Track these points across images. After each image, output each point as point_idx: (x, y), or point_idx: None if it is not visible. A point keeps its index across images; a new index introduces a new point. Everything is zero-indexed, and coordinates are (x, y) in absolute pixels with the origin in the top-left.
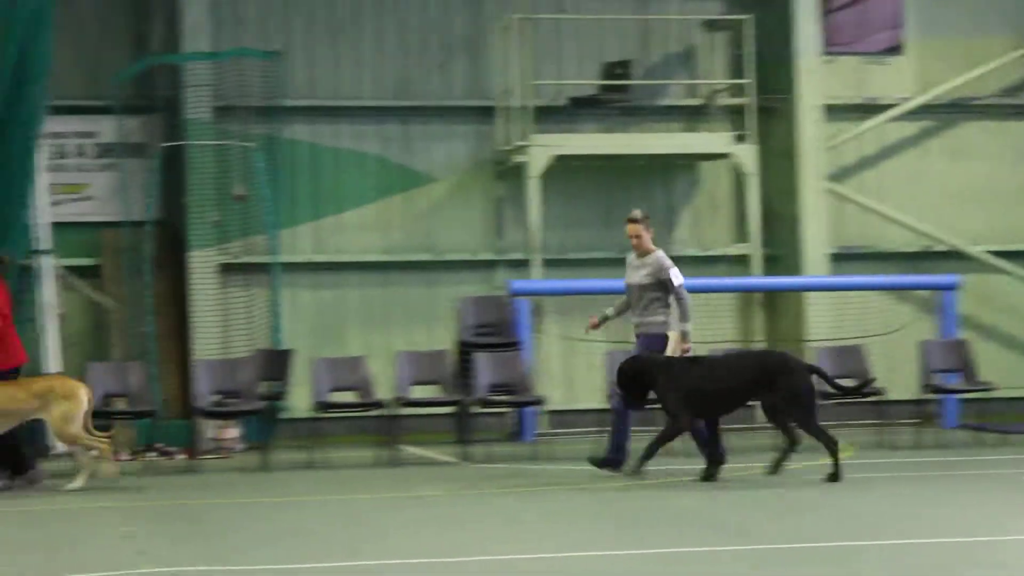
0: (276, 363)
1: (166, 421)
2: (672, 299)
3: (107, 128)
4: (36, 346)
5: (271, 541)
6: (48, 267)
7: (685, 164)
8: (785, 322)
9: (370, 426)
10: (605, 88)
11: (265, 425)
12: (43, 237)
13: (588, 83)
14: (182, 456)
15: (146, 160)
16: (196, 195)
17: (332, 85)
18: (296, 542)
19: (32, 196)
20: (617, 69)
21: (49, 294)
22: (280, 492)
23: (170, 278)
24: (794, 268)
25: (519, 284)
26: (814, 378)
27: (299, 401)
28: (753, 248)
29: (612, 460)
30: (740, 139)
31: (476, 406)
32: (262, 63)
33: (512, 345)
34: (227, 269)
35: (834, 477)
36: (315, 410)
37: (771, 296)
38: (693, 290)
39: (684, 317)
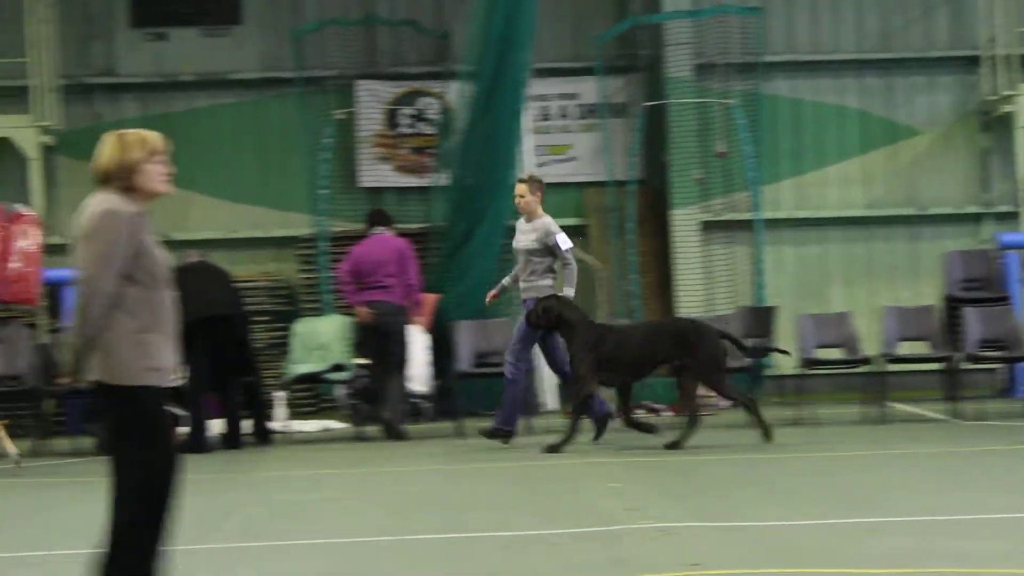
0: (760, 320)
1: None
2: (558, 264)
3: (589, 89)
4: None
5: (761, 498)
6: None
7: None
8: None
9: (855, 383)
10: None
11: (750, 382)
12: None
13: None
14: (669, 413)
15: (628, 120)
16: (678, 153)
17: (811, 39)
18: (790, 498)
19: (519, 158)
20: None
21: None
22: (763, 449)
23: (652, 237)
24: None
25: (1008, 237)
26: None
27: (784, 358)
28: None
29: (501, 430)
30: None
31: (965, 362)
32: (742, 19)
33: (1001, 300)
34: (709, 227)
35: (766, 436)
36: (801, 367)
37: None
38: None
39: (569, 283)
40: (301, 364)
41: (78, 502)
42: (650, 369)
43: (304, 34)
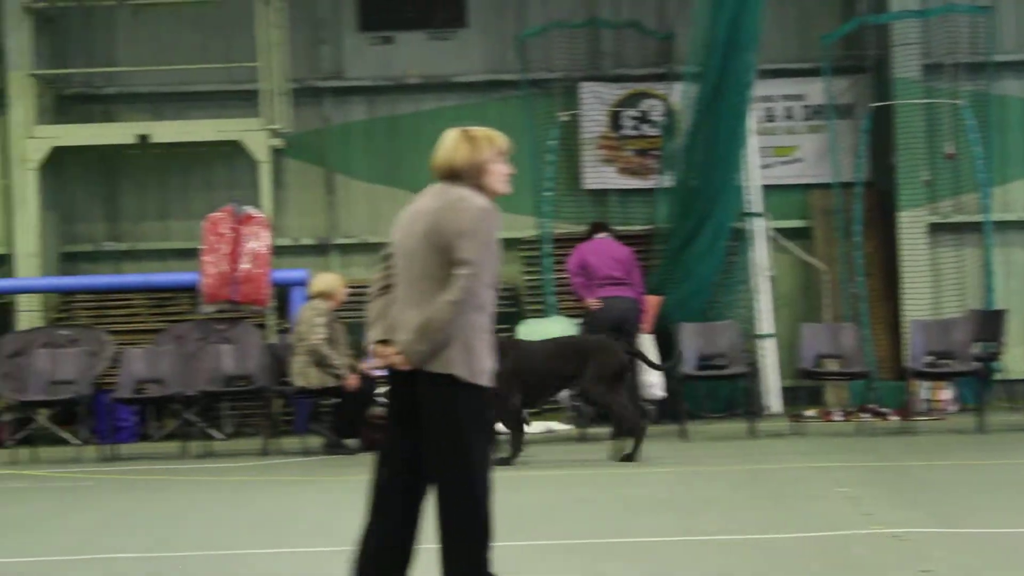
0: (990, 323)
1: (879, 382)
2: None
3: (815, 90)
4: (748, 307)
5: (994, 505)
6: (760, 229)
7: None
8: None
9: None
10: None
11: (979, 386)
12: (754, 199)
13: None
14: (895, 417)
15: (854, 121)
16: (905, 155)
17: None
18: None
19: (743, 159)
20: None
21: (761, 256)
22: (997, 455)
23: (879, 239)
24: None
25: None
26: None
27: (1014, 362)
28: None
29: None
30: None
31: None
32: (971, 18)
33: None
34: (936, 229)
35: (629, 457)
36: None
37: None
38: None
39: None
40: None
41: (314, 502)
42: (553, 387)
43: (528, 37)
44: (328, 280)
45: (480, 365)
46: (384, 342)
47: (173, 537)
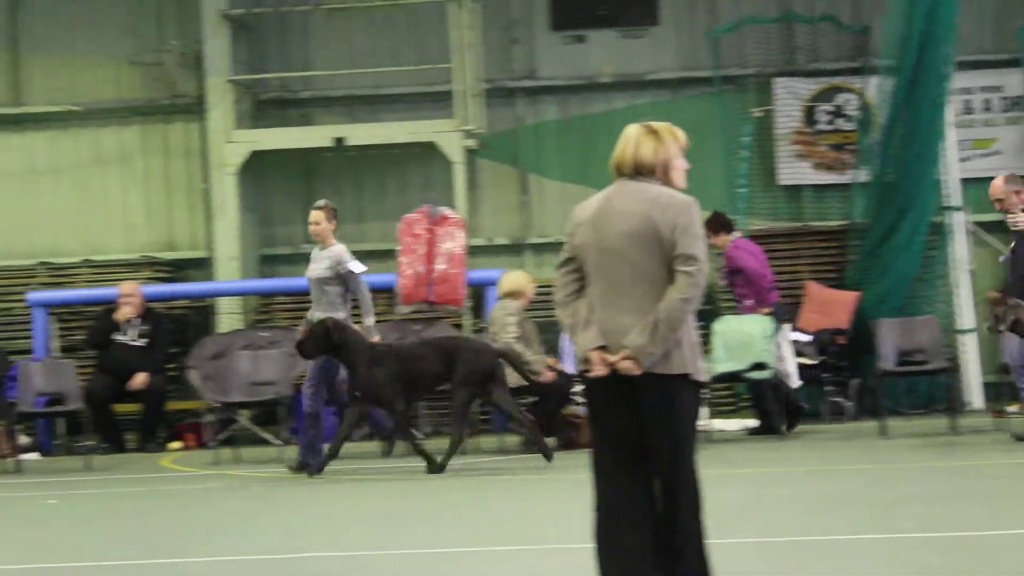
0: None
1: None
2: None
3: (1014, 81)
4: (948, 302)
5: None
6: (959, 223)
7: None
8: None
9: None
10: None
11: None
12: (953, 193)
13: None
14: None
15: None
16: None
17: None
18: None
19: (941, 153)
20: None
21: (960, 250)
22: None
23: None
24: None
25: None
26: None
27: None
28: None
29: (309, 463)
30: None
31: None
32: None
33: None
34: None
35: (434, 468)
36: None
37: None
38: None
39: (367, 311)
40: (721, 363)
41: (511, 500)
42: (426, 388)
43: (721, 34)
44: (516, 279)
45: (701, 362)
46: (601, 348)
47: (374, 536)
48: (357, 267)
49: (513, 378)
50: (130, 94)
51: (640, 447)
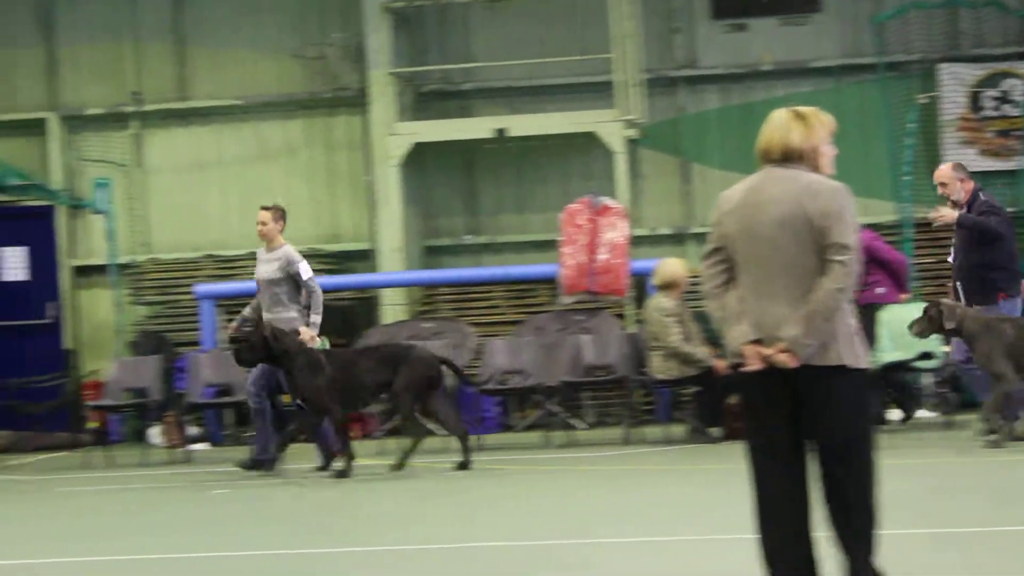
0: None
1: None
2: (303, 293)
3: None
4: None
5: None
6: None
7: None
8: None
9: None
10: None
11: None
12: None
13: None
14: None
15: None
16: None
17: None
18: None
19: None
20: None
21: None
22: None
23: None
24: None
25: None
26: None
27: None
28: None
29: (261, 461)
30: None
31: None
32: None
33: None
34: None
35: (398, 467)
36: None
37: None
38: None
39: (315, 311)
40: (888, 352)
41: (678, 491)
42: (370, 395)
43: (885, 20)
44: (671, 268)
45: (861, 348)
46: (756, 341)
47: (537, 526)
48: (306, 271)
49: (677, 371)
50: (293, 88)
51: (796, 440)
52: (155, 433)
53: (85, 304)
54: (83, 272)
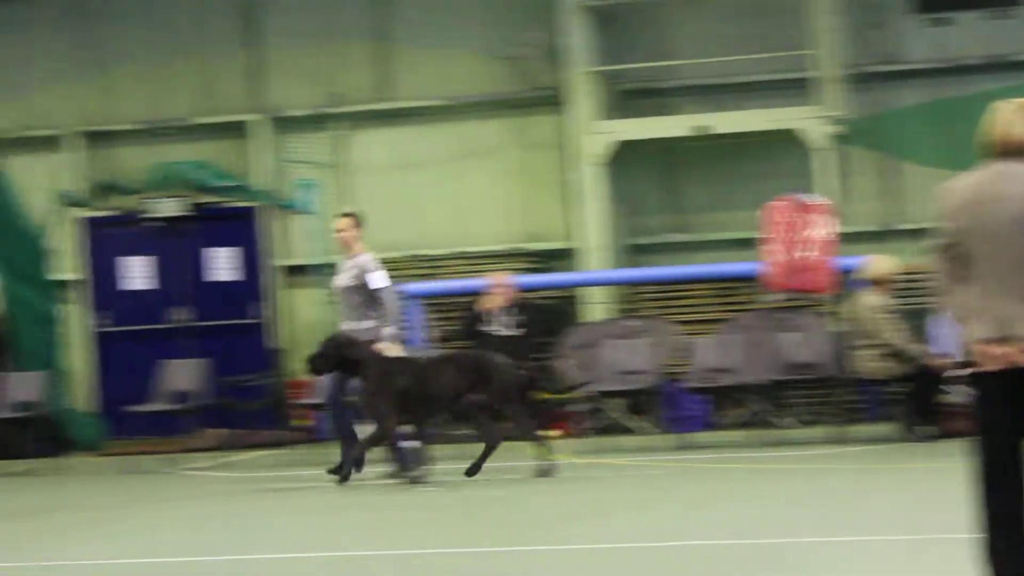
0: None
1: None
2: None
3: None
4: None
5: None
6: None
7: None
8: None
9: None
10: None
11: None
12: None
13: None
14: None
15: None
16: None
17: None
18: None
19: None
20: None
21: None
22: None
23: None
24: None
25: None
26: None
27: None
28: None
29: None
30: None
31: None
32: None
33: None
34: None
35: (545, 472)
36: None
37: None
38: None
39: (389, 320)
40: None
41: (888, 490)
42: (446, 404)
43: None
44: (882, 265)
45: None
46: (994, 340)
47: (744, 525)
48: (380, 280)
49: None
50: (493, 87)
51: (1020, 440)
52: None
53: (291, 304)
54: (289, 272)
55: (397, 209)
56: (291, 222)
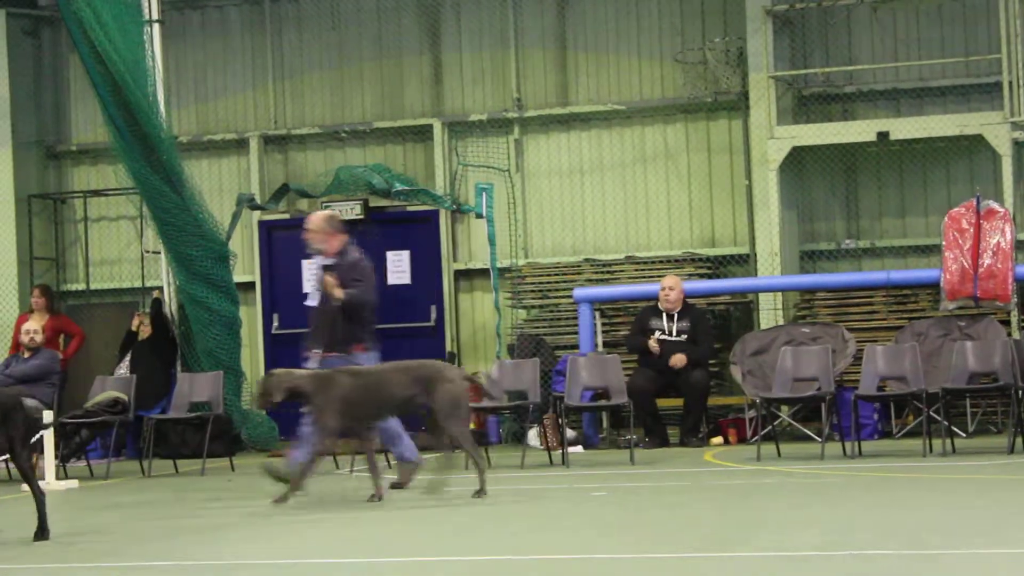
0: None
1: None
2: None
3: None
4: None
5: None
6: None
7: None
8: None
9: None
10: None
11: None
12: None
13: None
14: None
15: None
16: None
17: None
18: None
19: None
20: None
21: None
22: None
23: None
24: None
25: None
26: None
27: None
28: None
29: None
30: None
31: None
32: None
33: None
34: None
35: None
36: None
37: None
38: None
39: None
40: None
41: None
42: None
43: None
44: None
45: None
46: None
47: (915, 533)
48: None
49: None
50: (673, 92)
51: None
52: (533, 435)
53: (466, 307)
54: (464, 275)
55: (572, 213)
56: (468, 226)
